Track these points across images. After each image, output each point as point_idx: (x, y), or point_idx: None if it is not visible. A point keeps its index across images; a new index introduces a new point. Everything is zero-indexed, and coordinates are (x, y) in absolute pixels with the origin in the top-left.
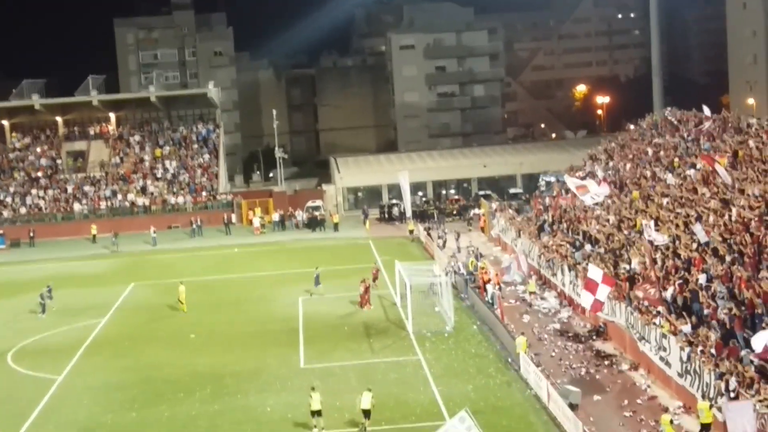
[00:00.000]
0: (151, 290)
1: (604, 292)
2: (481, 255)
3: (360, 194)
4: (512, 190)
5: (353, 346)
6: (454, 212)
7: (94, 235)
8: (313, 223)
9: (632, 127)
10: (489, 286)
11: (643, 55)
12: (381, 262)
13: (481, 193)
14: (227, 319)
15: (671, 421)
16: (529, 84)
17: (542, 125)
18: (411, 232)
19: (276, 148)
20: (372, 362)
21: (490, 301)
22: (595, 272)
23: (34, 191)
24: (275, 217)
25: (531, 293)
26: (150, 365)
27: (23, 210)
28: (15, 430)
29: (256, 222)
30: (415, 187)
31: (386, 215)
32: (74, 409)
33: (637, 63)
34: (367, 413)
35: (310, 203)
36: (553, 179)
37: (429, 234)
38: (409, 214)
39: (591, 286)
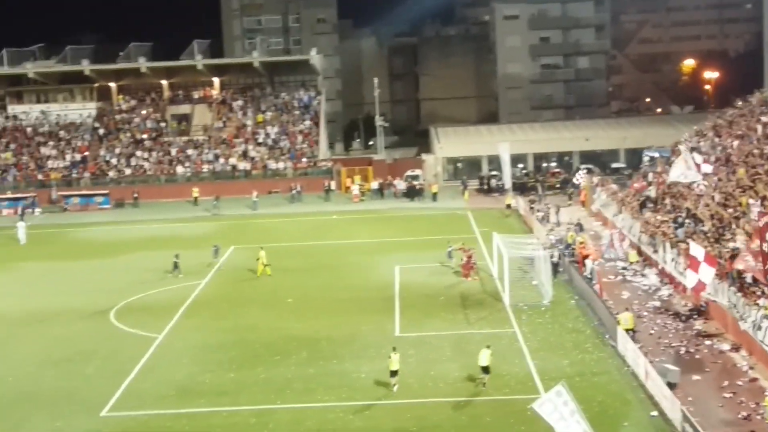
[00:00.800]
0: (251, 253)
1: (707, 272)
2: (582, 229)
3: (459, 165)
4: (615, 165)
5: (449, 316)
6: (555, 186)
7: (196, 198)
8: (412, 193)
9: (741, 103)
10: (588, 261)
11: (754, 30)
12: (479, 233)
13: (583, 167)
14: (323, 285)
15: None
16: (635, 57)
17: (647, 99)
18: (508, 206)
19: (376, 117)
20: (467, 333)
21: (589, 276)
22: (697, 250)
23: (138, 153)
24: (374, 185)
25: (632, 263)
26: (247, 327)
27: (128, 171)
28: (116, 385)
29: (355, 189)
30: (516, 159)
31: (485, 186)
32: (173, 368)
33: (748, 38)
34: (485, 369)
35: (409, 172)
36: (657, 155)
37: (532, 207)
38: (508, 186)
39: (694, 264)
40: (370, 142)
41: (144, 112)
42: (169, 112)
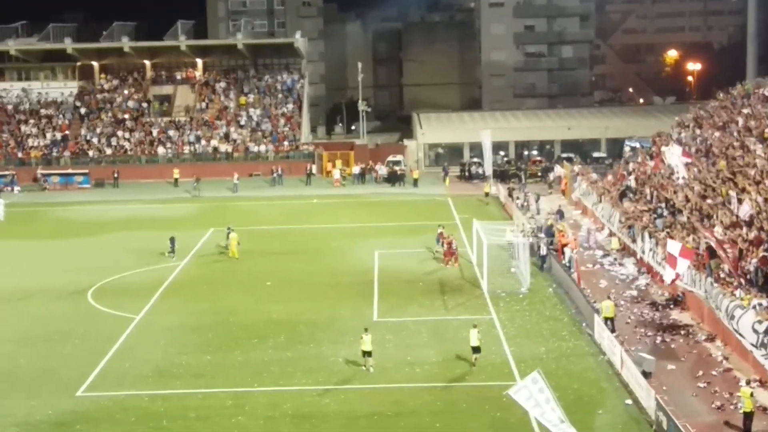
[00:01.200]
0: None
1: (683, 265)
2: (562, 217)
3: (441, 151)
4: (596, 154)
5: (427, 302)
6: (536, 174)
7: (177, 179)
8: (393, 178)
9: (723, 95)
10: (567, 249)
11: (738, 23)
12: (459, 220)
13: (564, 155)
14: (303, 269)
15: (751, 394)
16: (619, 47)
17: (630, 90)
18: (487, 194)
19: (359, 101)
20: (445, 319)
21: (567, 264)
22: (673, 246)
23: (120, 133)
24: (355, 169)
25: (614, 249)
26: (226, 310)
27: (108, 151)
28: (92, 365)
29: (336, 174)
30: (497, 147)
31: (466, 173)
32: (151, 349)
33: (732, 30)
34: (476, 349)
35: (390, 158)
36: (638, 145)
37: (511, 195)
38: (489, 173)
39: (671, 260)
40: (353, 127)
41: (126, 92)
42: (152, 92)
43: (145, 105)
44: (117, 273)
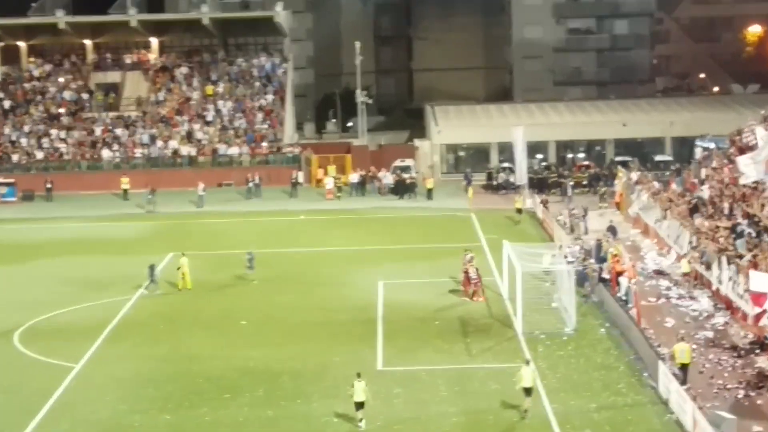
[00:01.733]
0: (195, 262)
1: None
2: (615, 235)
3: (462, 154)
4: (659, 158)
5: (445, 346)
6: (583, 183)
7: (126, 190)
8: (401, 189)
9: None
10: (623, 279)
11: None
12: (486, 241)
13: (618, 159)
14: (287, 304)
15: None
16: (688, 21)
17: (702, 75)
18: (519, 211)
19: (358, 91)
20: (468, 368)
21: (624, 298)
22: (759, 280)
23: (54, 132)
24: (353, 178)
25: (685, 275)
26: (190, 356)
27: (39, 155)
28: (21, 426)
29: (329, 183)
30: (534, 148)
31: (494, 182)
32: (94, 406)
33: None
34: (528, 392)
35: (398, 162)
36: (712, 145)
37: (546, 206)
38: (523, 181)
39: (758, 299)
40: (349, 124)
41: (62, 79)
42: (94, 80)
43: (85, 96)
44: (51, 310)
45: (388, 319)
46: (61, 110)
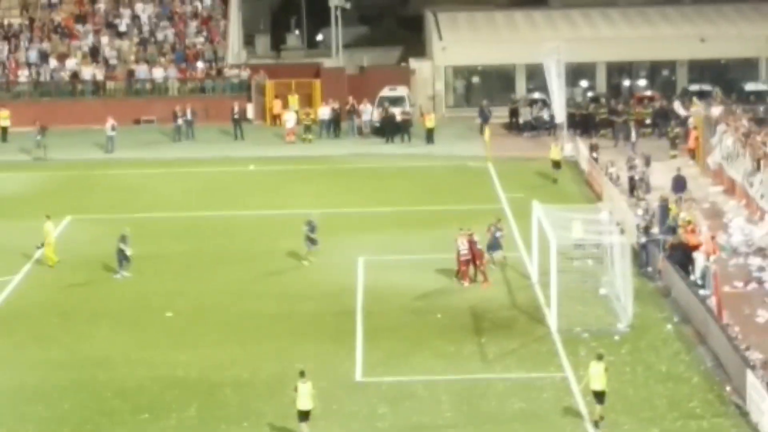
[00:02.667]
0: (101, 230)
1: None
2: (680, 191)
3: (476, 81)
4: (750, 86)
5: (450, 348)
6: (645, 121)
7: (5, 129)
8: (391, 128)
9: None
10: (698, 255)
11: None
12: (507, 201)
13: (694, 87)
14: (230, 288)
15: None
16: None
17: None
18: (556, 164)
19: None
20: (482, 379)
21: (700, 282)
22: None
23: None
24: (324, 112)
25: None
26: (94, 361)
27: None
28: None
29: (290, 120)
30: (576, 73)
31: (521, 120)
32: None
33: None
34: (600, 397)
35: (386, 92)
36: None
37: (595, 153)
38: (560, 119)
39: None
40: (319, 37)
41: None
42: None
43: None
44: None
45: (371, 310)
46: None
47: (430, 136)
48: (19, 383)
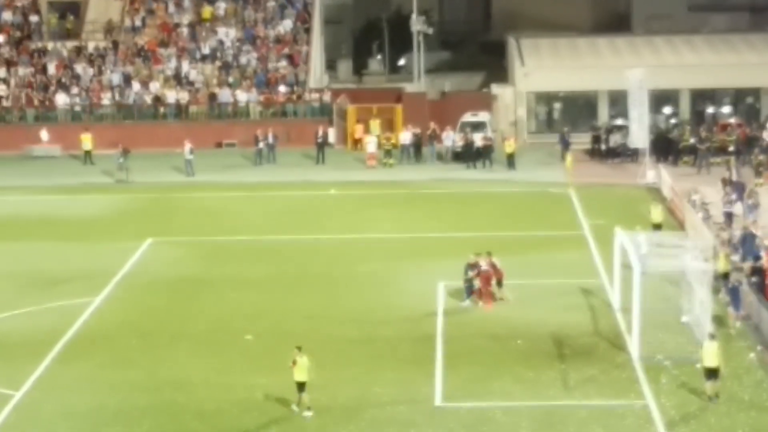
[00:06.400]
0: (182, 252)
1: None
2: (752, 212)
3: (558, 106)
4: None
5: (530, 374)
6: (729, 148)
7: (88, 152)
8: (471, 154)
9: None
10: None
11: None
12: (589, 228)
13: None
14: (309, 312)
15: None
16: None
17: None
18: (657, 227)
19: (414, 16)
20: (563, 405)
21: None
22: None
23: None
24: (405, 137)
25: None
26: (173, 383)
27: None
28: None
29: (371, 145)
30: (659, 99)
31: (603, 146)
32: None
33: None
34: (713, 373)
35: (468, 117)
36: None
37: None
38: (642, 144)
39: None
40: (401, 62)
41: None
42: None
43: (34, 19)
44: None
45: (451, 335)
46: (0, 38)
47: (511, 161)
48: (99, 405)
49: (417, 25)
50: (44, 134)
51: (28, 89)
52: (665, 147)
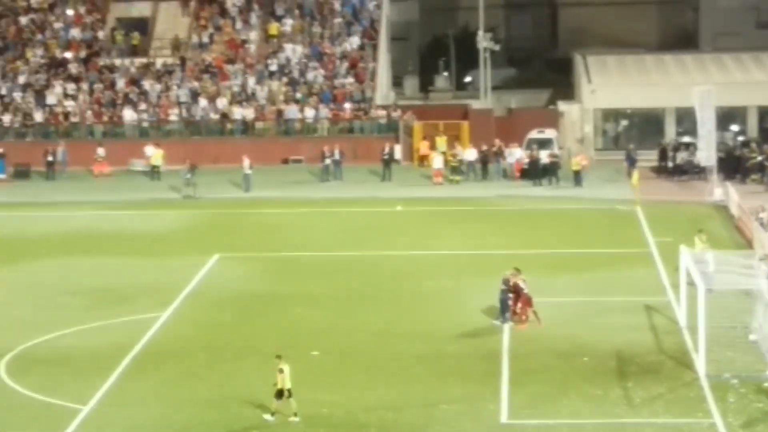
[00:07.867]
0: (249, 268)
1: None
2: None
3: (625, 123)
4: None
5: (596, 392)
6: None
7: (156, 167)
8: (539, 171)
9: None
10: None
11: None
12: (656, 245)
13: None
14: (375, 328)
15: None
16: None
17: None
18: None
19: (480, 33)
20: (629, 423)
21: None
22: None
23: (58, 84)
24: (471, 154)
25: None
26: (240, 398)
27: (39, 115)
28: None
29: (438, 162)
30: (726, 116)
31: (670, 163)
32: None
33: None
34: None
35: (534, 134)
36: None
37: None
38: (710, 162)
39: None
40: (467, 79)
41: (70, 12)
42: (114, 14)
43: (102, 35)
44: (50, 330)
45: (517, 352)
46: (68, 55)
47: (578, 178)
48: (166, 420)
49: (483, 41)
50: (149, 149)
51: (95, 106)
52: (733, 165)
